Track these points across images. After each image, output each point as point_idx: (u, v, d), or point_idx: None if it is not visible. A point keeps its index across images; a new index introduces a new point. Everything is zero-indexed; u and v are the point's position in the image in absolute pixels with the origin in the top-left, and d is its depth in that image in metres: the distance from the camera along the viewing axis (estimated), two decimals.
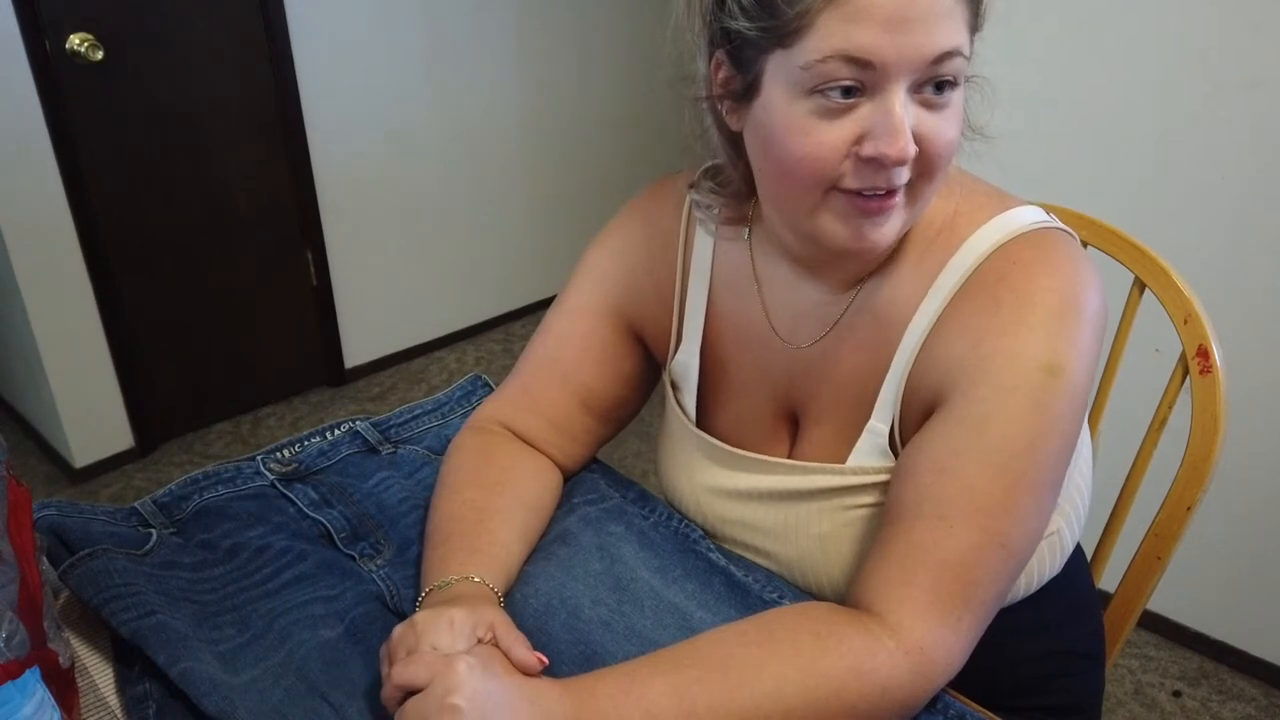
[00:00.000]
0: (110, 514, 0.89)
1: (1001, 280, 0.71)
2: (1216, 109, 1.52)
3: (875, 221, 0.69)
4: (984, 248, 0.73)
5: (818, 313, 0.81)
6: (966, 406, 0.70)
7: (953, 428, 0.70)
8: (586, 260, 0.91)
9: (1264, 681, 1.79)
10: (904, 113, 0.64)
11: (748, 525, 0.85)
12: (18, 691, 0.59)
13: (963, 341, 0.71)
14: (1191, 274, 0.95)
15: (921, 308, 0.74)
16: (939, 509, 0.69)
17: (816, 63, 0.63)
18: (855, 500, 0.78)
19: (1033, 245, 0.72)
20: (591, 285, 0.90)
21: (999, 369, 0.69)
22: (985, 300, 0.71)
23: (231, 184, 2.55)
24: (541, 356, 0.92)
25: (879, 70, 0.63)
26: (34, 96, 2.15)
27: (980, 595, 0.68)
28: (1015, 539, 0.69)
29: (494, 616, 0.69)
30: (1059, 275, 0.70)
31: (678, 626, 0.77)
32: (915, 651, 0.67)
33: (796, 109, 0.66)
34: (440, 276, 3.09)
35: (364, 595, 0.82)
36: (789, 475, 0.81)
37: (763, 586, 0.82)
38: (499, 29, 2.94)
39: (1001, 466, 0.68)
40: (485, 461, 0.87)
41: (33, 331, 2.30)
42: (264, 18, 2.46)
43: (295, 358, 2.85)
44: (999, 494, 0.68)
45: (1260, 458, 1.65)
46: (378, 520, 0.91)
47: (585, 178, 3.36)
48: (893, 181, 0.67)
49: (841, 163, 0.66)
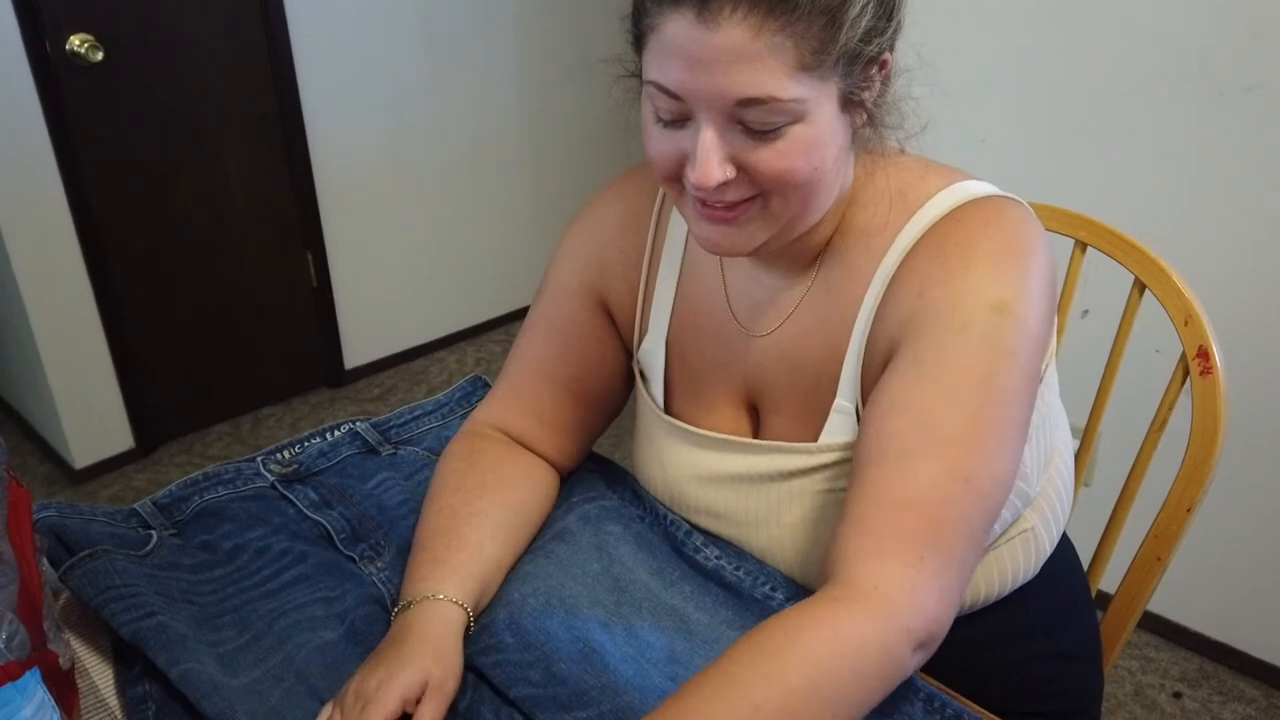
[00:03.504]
0: (110, 515, 0.89)
1: (948, 237, 0.72)
2: (1216, 110, 1.52)
3: (723, 230, 0.71)
4: (933, 215, 0.73)
5: (774, 301, 0.81)
6: (918, 350, 0.69)
7: (906, 370, 0.69)
8: (562, 245, 0.91)
9: (1264, 682, 1.79)
10: (714, 143, 0.65)
11: (718, 514, 0.85)
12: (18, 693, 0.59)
13: (908, 293, 0.71)
14: (1191, 275, 0.95)
15: (873, 281, 0.75)
16: (899, 448, 0.67)
17: (647, 81, 0.67)
18: (827, 483, 0.78)
19: (980, 208, 0.73)
20: (568, 268, 0.90)
21: (948, 311, 0.69)
22: (931, 254, 0.71)
23: (231, 184, 2.55)
24: (527, 352, 0.92)
25: (687, 103, 0.65)
26: (34, 97, 2.15)
27: (946, 535, 0.65)
28: (979, 475, 0.66)
29: (428, 675, 0.68)
30: (1005, 228, 0.71)
31: (675, 628, 0.77)
32: (871, 593, 0.63)
33: (647, 109, 0.69)
34: (440, 277, 3.09)
35: (364, 597, 0.82)
36: (760, 455, 0.81)
37: (754, 581, 0.82)
38: (499, 29, 2.94)
39: (959, 399, 0.67)
40: (469, 466, 0.87)
41: (33, 331, 2.30)
42: (264, 18, 2.46)
43: (295, 358, 2.85)
44: (959, 426, 0.66)
45: (1260, 458, 1.65)
46: (378, 521, 0.91)
47: (585, 178, 3.36)
48: (721, 198, 0.68)
49: (678, 169, 0.69)
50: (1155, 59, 1.56)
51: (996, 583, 0.83)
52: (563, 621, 0.77)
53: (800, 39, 0.62)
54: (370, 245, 2.89)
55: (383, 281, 2.96)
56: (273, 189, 2.63)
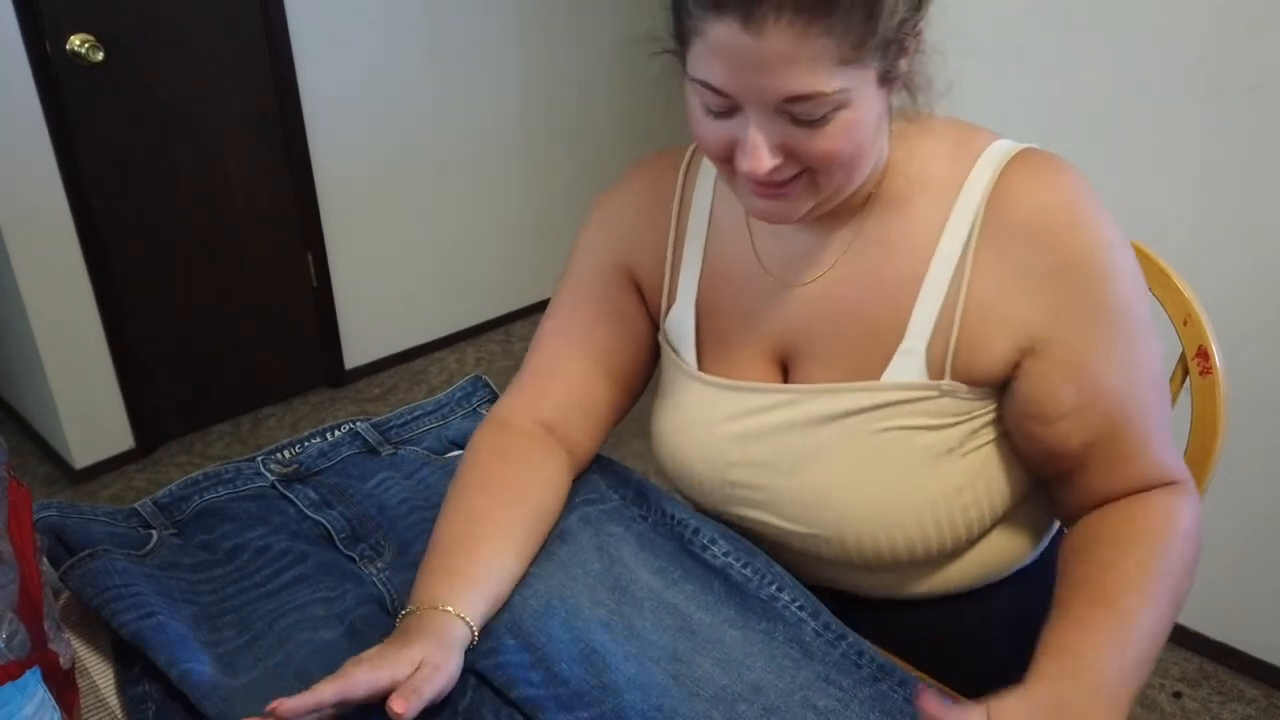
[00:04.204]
0: (110, 514, 0.89)
1: (1032, 235, 0.75)
2: (1216, 110, 1.52)
3: (774, 203, 0.74)
4: (986, 178, 0.77)
5: (812, 253, 0.83)
6: (1081, 309, 0.75)
7: (1077, 331, 0.75)
8: (586, 227, 0.94)
9: (1264, 683, 1.79)
10: (763, 134, 0.69)
11: (761, 465, 0.84)
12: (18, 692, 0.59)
13: (1025, 253, 0.75)
14: (1191, 275, 0.95)
15: (947, 229, 0.77)
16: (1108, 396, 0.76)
17: (693, 78, 0.70)
18: (884, 420, 0.78)
19: (1044, 158, 0.78)
20: (596, 247, 0.93)
21: (1086, 265, 0.75)
22: (1033, 214, 0.76)
23: (231, 184, 2.55)
24: (557, 334, 0.92)
25: (735, 99, 0.68)
26: (34, 97, 2.15)
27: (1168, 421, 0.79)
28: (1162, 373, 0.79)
29: (425, 654, 0.69)
30: (1073, 171, 0.78)
31: (677, 627, 0.77)
32: (1192, 490, 0.77)
33: (694, 99, 0.72)
34: (440, 276, 3.09)
35: (364, 597, 0.82)
36: (811, 400, 0.81)
37: (761, 580, 0.82)
38: (499, 29, 2.94)
39: (1131, 328, 0.76)
40: (497, 466, 0.86)
41: (33, 331, 2.30)
42: (264, 18, 2.46)
43: (295, 358, 2.85)
44: (1137, 347, 0.76)
45: (1260, 458, 1.65)
46: (378, 521, 0.91)
47: (585, 178, 3.36)
48: (771, 180, 0.72)
49: (729, 153, 0.72)
50: (1155, 58, 1.56)
51: (996, 570, 0.86)
52: (564, 622, 0.77)
53: (841, 36, 0.64)
54: (370, 245, 2.88)
55: (383, 281, 2.96)
56: (273, 189, 2.63)
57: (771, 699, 0.71)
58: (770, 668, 0.74)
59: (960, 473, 0.79)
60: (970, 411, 0.79)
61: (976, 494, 0.80)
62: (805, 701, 0.71)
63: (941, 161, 0.79)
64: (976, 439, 0.80)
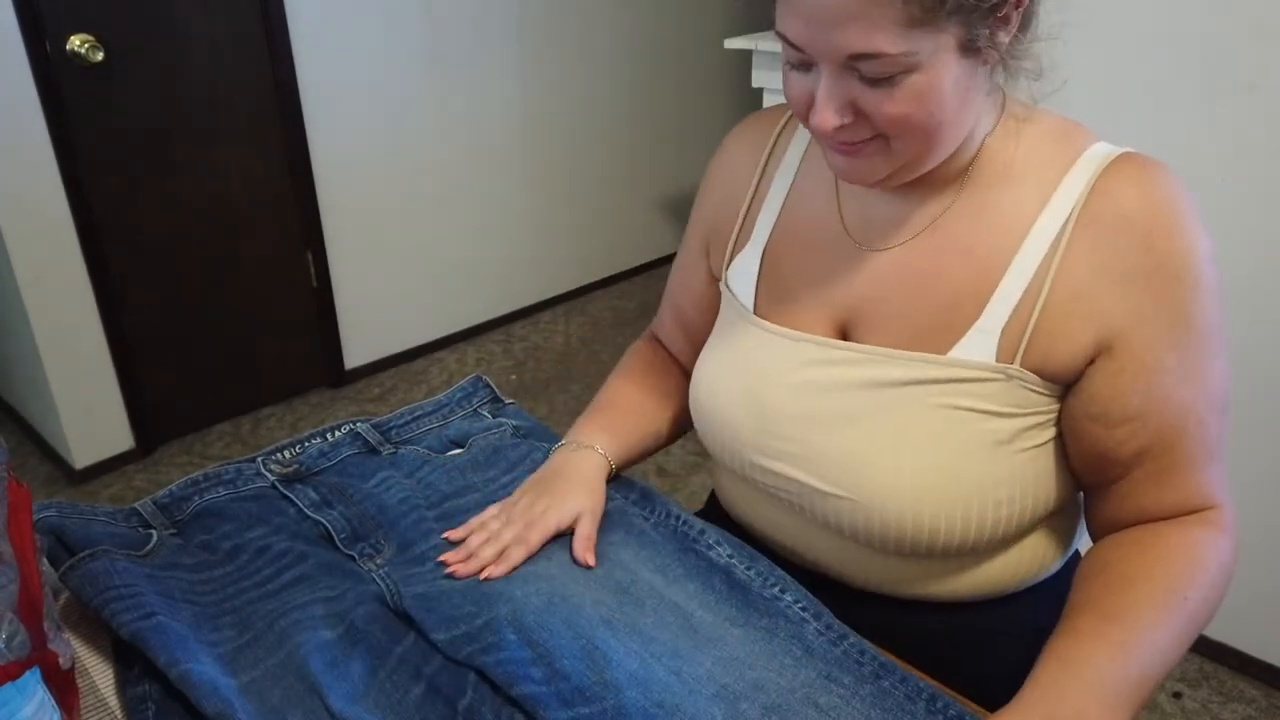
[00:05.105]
0: (110, 515, 0.89)
1: (1131, 231, 0.75)
2: (1216, 110, 1.52)
3: (850, 160, 0.76)
4: (1090, 171, 0.77)
5: (899, 218, 0.82)
6: (1167, 314, 0.74)
7: (1158, 334, 0.75)
8: (698, 196, 1.01)
9: (1264, 683, 1.79)
10: (832, 91, 0.71)
11: (807, 417, 0.83)
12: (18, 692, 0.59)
13: (1122, 248, 0.75)
14: None
15: (1040, 222, 0.77)
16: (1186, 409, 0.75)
17: (776, 31, 0.72)
18: (946, 397, 0.77)
19: (1151, 164, 0.78)
20: (695, 211, 1.00)
21: (1180, 273, 0.74)
22: (1137, 213, 0.75)
23: (231, 184, 2.55)
24: (678, 266, 1.04)
25: (808, 54, 0.70)
26: (34, 97, 2.15)
27: (1219, 451, 0.78)
28: (1226, 397, 0.78)
29: (581, 507, 0.87)
30: (1174, 179, 0.77)
31: (678, 626, 0.77)
32: (1230, 525, 0.77)
33: (782, 56, 0.75)
34: (440, 276, 3.09)
35: (364, 596, 0.82)
36: (884, 362, 0.80)
37: (764, 582, 0.82)
38: (500, 28, 2.95)
39: (1204, 337, 0.75)
40: (650, 369, 1.06)
41: (33, 331, 2.30)
42: (264, 18, 2.46)
43: (295, 358, 2.85)
44: (1216, 372, 0.76)
45: (1260, 458, 1.65)
46: (378, 521, 0.91)
47: (585, 177, 3.36)
48: (841, 139, 0.74)
49: (808, 108, 0.74)
50: (1155, 58, 1.56)
51: (1012, 583, 0.86)
52: (565, 619, 0.77)
53: None
54: (370, 245, 2.89)
55: (383, 281, 2.96)
56: (273, 188, 2.63)
57: (773, 697, 0.71)
58: (772, 665, 0.74)
59: (1005, 468, 0.78)
60: (1032, 406, 0.77)
61: (1013, 493, 0.78)
62: (807, 699, 0.71)
63: (1045, 150, 0.79)
64: (1029, 438, 0.78)
